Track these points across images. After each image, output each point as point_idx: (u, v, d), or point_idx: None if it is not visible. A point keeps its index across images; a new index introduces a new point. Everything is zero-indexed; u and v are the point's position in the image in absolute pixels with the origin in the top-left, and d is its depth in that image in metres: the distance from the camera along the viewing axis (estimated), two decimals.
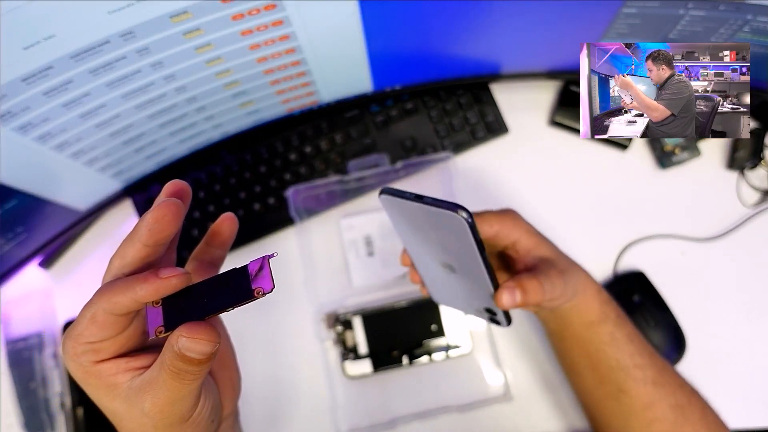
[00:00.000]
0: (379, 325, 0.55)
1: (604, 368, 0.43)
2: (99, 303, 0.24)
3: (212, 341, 0.24)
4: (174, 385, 0.24)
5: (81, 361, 0.26)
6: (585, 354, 0.44)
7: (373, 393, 0.54)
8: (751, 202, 0.57)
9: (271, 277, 0.24)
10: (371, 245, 0.57)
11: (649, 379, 0.42)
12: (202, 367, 0.24)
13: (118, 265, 0.25)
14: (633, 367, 0.42)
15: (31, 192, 0.46)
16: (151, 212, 0.24)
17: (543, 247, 0.42)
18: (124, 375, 0.26)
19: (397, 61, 0.52)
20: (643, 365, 0.42)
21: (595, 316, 0.42)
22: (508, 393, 0.53)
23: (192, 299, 0.25)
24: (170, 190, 0.27)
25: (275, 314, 0.57)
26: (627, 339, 0.43)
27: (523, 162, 0.60)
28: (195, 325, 0.24)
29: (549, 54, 0.53)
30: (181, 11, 0.36)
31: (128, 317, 0.25)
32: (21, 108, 0.37)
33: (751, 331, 0.54)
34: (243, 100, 0.50)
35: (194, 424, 0.27)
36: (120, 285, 0.24)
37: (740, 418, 0.52)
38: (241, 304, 0.24)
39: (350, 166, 0.57)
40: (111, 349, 0.26)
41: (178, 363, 0.24)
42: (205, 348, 0.24)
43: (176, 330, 0.24)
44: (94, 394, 0.27)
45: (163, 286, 0.24)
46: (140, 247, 0.25)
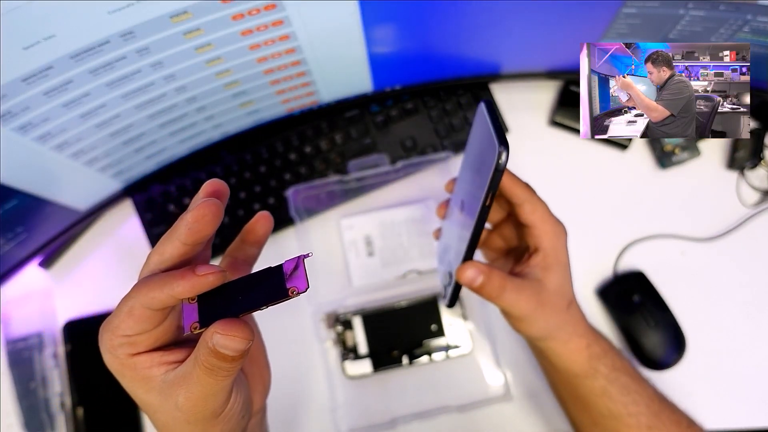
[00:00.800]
0: (379, 325, 0.55)
1: (596, 414, 0.41)
2: (137, 297, 0.25)
3: (246, 338, 0.24)
4: (207, 381, 0.25)
5: (117, 354, 0.26)
6: (574, 398, 0.43)
7: (373, 393, 0.54)
8: (751, 202, 0.57)
9: (305, 276, 0.25)
10: (371, 245, 0.57)
11: (644, 425, 0.40)
12: (236, 364, 0.25)
13: (156, 261, 0.26)
14: (627, 415, 0.40)
15: (31, 192, 0.46)
16: (191, 212, 0.25)
17: (552, 275, 0.39)
18: (158, 368, 0.26)
19: (397, 61, 0.52)
20: (638, 413, 0.41)
21: (582, 370, 0.41)
22: (508, 393, 0.53)
23: (227, 297, 0.25)
24: (209, 190, 0.27)
25: (275, 314, 0.56)
26: (621, 392, 0.41)
27: (523, 162, 0.59)
28: (229, 322, 0.24)
29: (549, 54, 0.53)
30: (181, 11, 0.36)
31: (164, 312, 0.26)
32: (21, 108, 0.37)
33: (751, 330, 0.55)
34: (243, 100, 0.50)
35: (225, 419, 0.27)
36: (158, 280, 0.25)
37: (740, 418, 0.52)
38: (275, 303, 0.25)
39: (350, 166, 0.57)
40: (146, 342, 0.26)
41: (212, 359, 0.24)
42: (239, 345, 0.24)
43: (211, 327, 0.24)
44: (129, 386, 0.27)
45: (200, 283, 0.24)
46: (179, 245, 0.25)
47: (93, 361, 0.31)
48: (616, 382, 0.41)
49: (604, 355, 0.41)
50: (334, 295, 0.56)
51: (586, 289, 0.56)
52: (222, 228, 0.62)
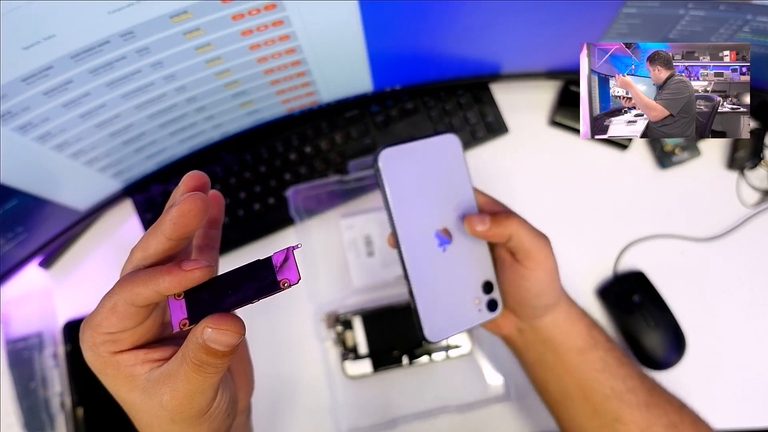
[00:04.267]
0: (379, 325, 0.55)
1: (598, 398, 0.41)
2: (120, 294, 0.24)
3: (238, 333, 0.24)
4: (195, 378, 0.24)
5: (99, 351, 0.25)
6: (576, 384, 0.42)
7: (373, 393, 0.54)
8: (751, 202, 0.57)
9: (296, 268, 0.24)
10: (371, 245, 0.57)
11: (642, 402, 0.40)
12: (225, 360, 0.24)
13: (140, 257, 0.25)
14: (626, 391, 0.40)
15: (31, 192, 0.46)
16: (176, 207, 0.24)
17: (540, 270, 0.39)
18: (142, 366, 0.26)
19: (397, 61, 0.52)
20: (635, 388, 0.41)
21: (584, 341, 0.41)
22: (508, 393, 0.53)
23: (215, 291, 0.25)
24: (192, 184, 0.27)
25: (275, 314, 0.57)
26: (618, 363, 0.41)
27: (523, 162, 0.60)
28: (221, 317, 0.24)
29: (549, 54, 0.53)
30: (181, 11, 0.36)
31: (148, 309, 0.25)
32: (21, 108, 0.37)
33: (751, 330, 0.55)
34: (243, 100, 0.50)
35: (211, 418, 0.27)
36: (142, 276, 0.24)
37: (740, 418, 0.52)
38: (267, 296, 0.24)
39: (350, 166, 0.57)
40: (130, 340, 0.26)
41: (202, 355, 0.24)
42: (231, 339, 0.24)
43: (202, 321, 0.24)
44: (111, 384, 0.27)
45: (187, 279, 0.24)
46: (164, 240, 0.25)
47: None
48: (613, 352, 0.41)
49: (596, 324, 0.42)
50: (334, 295, 0.56)
51: (586, 289, 0.56)
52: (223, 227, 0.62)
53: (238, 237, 0.57)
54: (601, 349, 0.41)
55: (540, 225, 0.42)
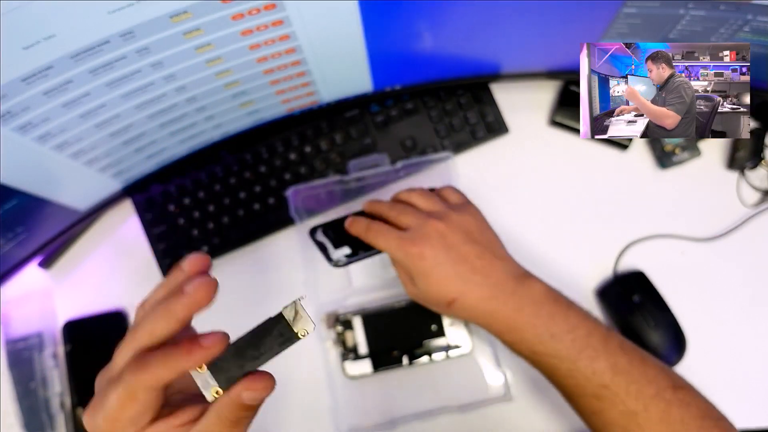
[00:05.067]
0: (379, 325, 0.55)
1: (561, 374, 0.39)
2: (138, 379, 0.24)
3: (272, 386, 0.26)
4: None
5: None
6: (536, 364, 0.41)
7: (373, 393, 0.54)
8: (751, 202, 0.57)
9: (309, 317, 0.27)
10: None
11: None
12: (258, 409, 0.26)
13: (147, 342, 0.25)
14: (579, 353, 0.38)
15: (31, 192, 0.46)
16: (190, 294, 0.24)
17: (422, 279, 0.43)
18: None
19: (397, 61, 0.52)
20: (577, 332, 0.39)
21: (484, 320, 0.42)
22: (508, 393, 0.53)
23: (236, 353, 0.26)
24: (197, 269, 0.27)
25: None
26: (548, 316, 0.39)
27: (523, 162, 0.60)
28: (254, 378, 0.25)
29: (549, 54, 0.53)
30: (181, 11, 0.36)
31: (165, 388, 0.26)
32: (21, 108, 0.37)
33: (751, 330, 0.55)
34: (243, 100, 0.50)
35: None
36: (160, 358, 0.24)
37: (740, 418, 0.52)
38: (287, 347, 0.26)
39: (350, 166, 0.57)
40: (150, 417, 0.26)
41: (240, 413, 0.25)
42: (267, 394, 0.25)
43: (237, 386, 0.25)
44: None
45: (208, 355, 0.24)
46: (174, 323, 0.25)
47: (93, 361, 0.31)
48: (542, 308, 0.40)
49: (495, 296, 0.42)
50: (334, 295, 0.56)
51: (586, 289, 0.56)
52: (223, 227, 0.61)
53: (238, 237, 0.57)
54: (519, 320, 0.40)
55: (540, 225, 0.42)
